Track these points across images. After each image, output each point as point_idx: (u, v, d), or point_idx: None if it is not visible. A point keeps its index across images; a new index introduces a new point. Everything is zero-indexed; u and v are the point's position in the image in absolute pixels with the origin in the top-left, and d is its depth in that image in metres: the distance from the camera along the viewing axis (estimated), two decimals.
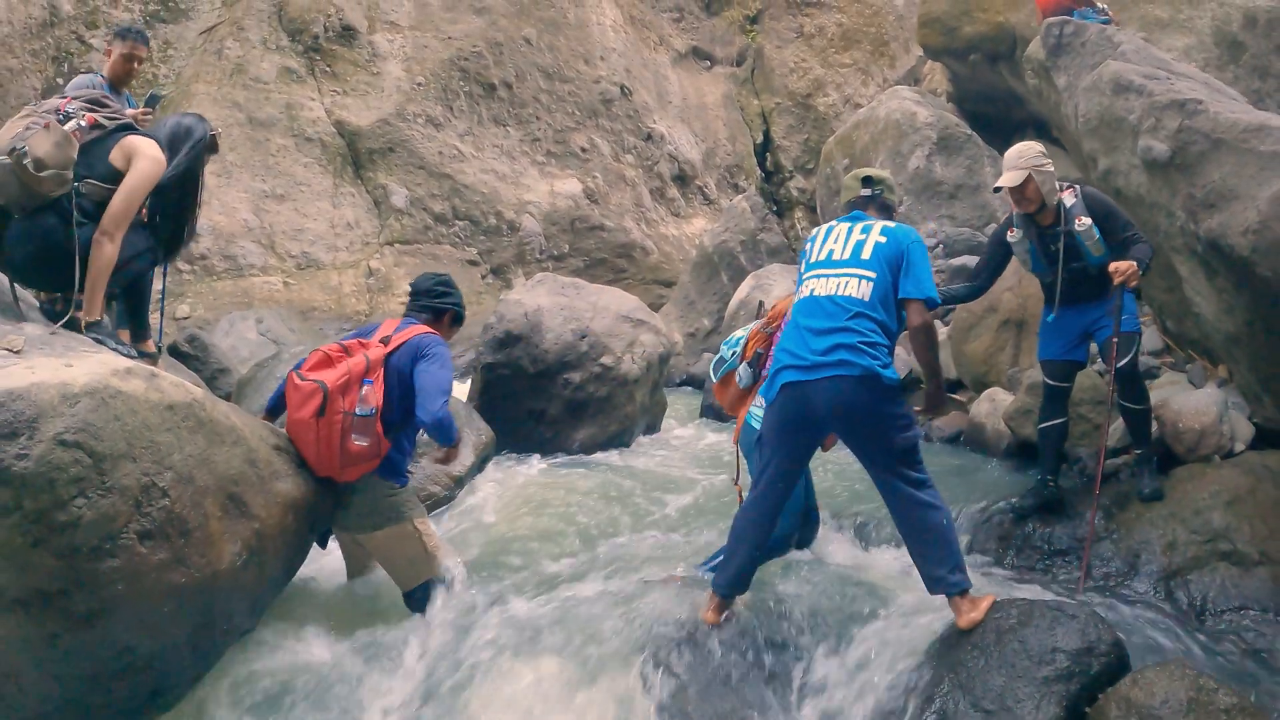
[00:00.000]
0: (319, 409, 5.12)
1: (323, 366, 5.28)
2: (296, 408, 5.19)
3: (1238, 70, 12.47)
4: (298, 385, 5.21)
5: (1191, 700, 3.83)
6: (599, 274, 18.10)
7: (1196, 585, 5.74)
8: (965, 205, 14.08)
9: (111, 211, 5.18)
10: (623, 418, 9.80)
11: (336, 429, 5.15)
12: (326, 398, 5.12)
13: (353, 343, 5.46)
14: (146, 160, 5.32)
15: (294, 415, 5.21)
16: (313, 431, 5.16)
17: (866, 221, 5.10)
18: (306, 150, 17.26)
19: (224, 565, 4.44)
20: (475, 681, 4.80)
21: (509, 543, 6.75)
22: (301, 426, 5.19)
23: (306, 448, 5.24)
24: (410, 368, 5.42)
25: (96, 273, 5.15)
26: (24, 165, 4.90)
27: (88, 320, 5.16)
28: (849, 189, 5.40)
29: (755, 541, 5.01)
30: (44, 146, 4.96)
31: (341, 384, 5.17)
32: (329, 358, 5.33)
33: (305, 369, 5.29)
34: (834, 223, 5.22)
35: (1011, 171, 6.23)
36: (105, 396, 4.05)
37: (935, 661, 4.46)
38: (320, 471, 5.28)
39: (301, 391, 5.18)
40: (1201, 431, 6.54)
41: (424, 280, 6.02)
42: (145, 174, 5.30)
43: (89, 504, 3.88)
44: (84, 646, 3.99)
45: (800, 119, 22.48)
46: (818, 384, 4.71)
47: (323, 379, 5.16)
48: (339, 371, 5.21)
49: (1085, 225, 6.18)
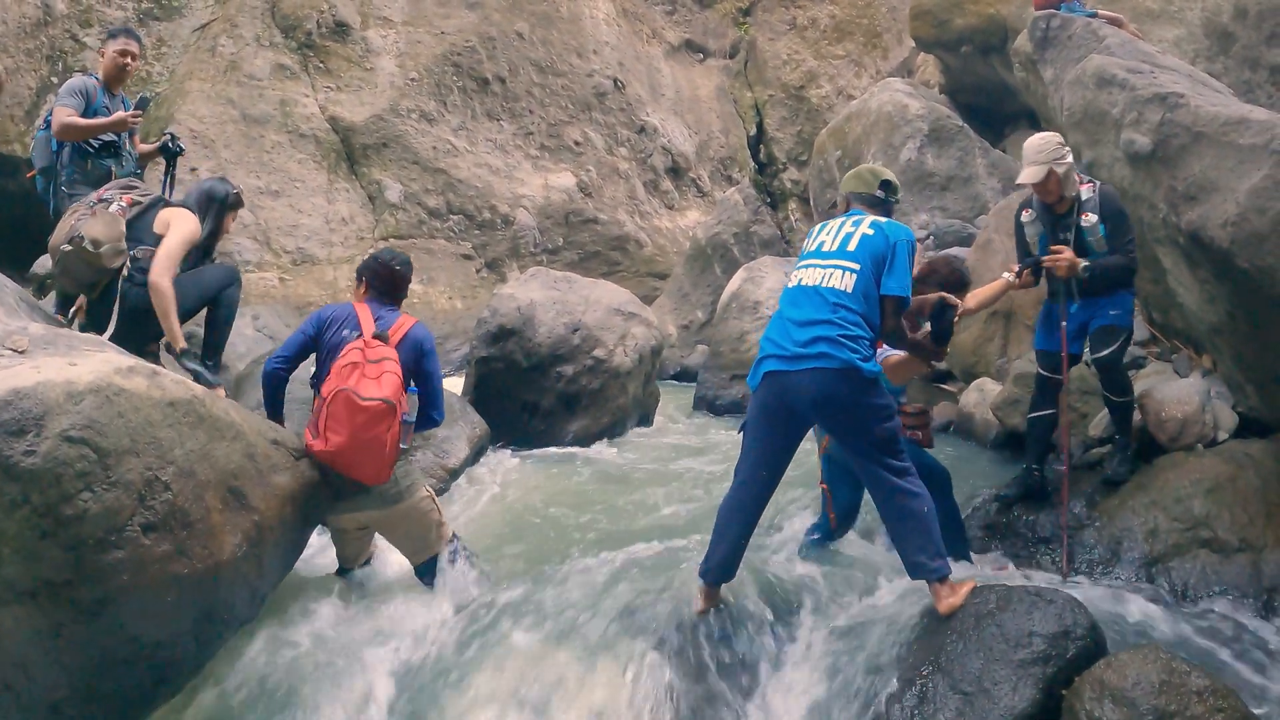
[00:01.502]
0: (389, 426, 5.23)
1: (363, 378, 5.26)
2: (365, 429, 5.17)
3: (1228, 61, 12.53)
4: (364, 406, 5.16)
5: (1164, 682, 3.92)
6: (593, 267, 18.14)
7: (1177, 572, 5.84)
8: (957, 197, 14.15)
9: (157, 259, 6.00)
10: (615, 410, 9.90)
11: (396, 439, 5.32)
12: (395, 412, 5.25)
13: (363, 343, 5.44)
14: (185, 220, 6.26)
15: (363, 435, 5.18)
16: (383, 446, 5.24)
17: (862, 216, 5.13)
18: (301, 146, 17.28)
19: (225, 556, 4.54)
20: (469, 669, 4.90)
21: (501, 534, 6.84)
22: (372, 445, 5.22)
23: (366, 463, 5.28)
24: (413, 361, 5.57)
25: (163, 310, 5.92)
26: (84, 248, 5.84)
27: (180, 349, 6.08)
28: (863, 182, 5.36)
29: (740, 529, 5.07)
30: (96, 228, 5.90)
31: (400, 396, 5.31)
32: (364, 365, 5.31)
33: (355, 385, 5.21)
34: (834, 217, 5.26)
35: (1032, 167, 6.28)
36: (109, 394, 4.15)
37: (916, 645, 4.55)
38: (363, 479, 5.36)
39: (370, 413, 5.16)
40: (1184, 420, 6.62)
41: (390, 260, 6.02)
42: (184, 231, 6.20)
43: (94, 498, 3.98)
44: (91, 636, 4.09)
45: (793, 111, 22.50)
46: (798, 375, 4.77)
47: (388, 397, 5.21)
48: (393, 385, 5.28)
49: (1090, 222, 6.27)
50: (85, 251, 5.84)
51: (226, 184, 6.91)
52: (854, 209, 5.28)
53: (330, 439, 5.20)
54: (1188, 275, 6.43)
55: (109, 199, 6.19)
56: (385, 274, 5.95)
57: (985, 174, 14.17)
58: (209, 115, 16.66)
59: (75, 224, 5.96)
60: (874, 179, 5.37)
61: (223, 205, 6.73)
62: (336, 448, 5.20)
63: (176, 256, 6.10)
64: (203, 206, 6.60)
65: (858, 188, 5.36)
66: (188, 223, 6.27)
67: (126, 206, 6.18)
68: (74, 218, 6.04)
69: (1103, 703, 3.96)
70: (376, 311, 5.72)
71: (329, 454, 5.23)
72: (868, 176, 5.40)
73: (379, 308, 5.77)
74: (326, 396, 5.27)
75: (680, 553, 5.95)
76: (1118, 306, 6.37)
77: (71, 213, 6.16)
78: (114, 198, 6.20)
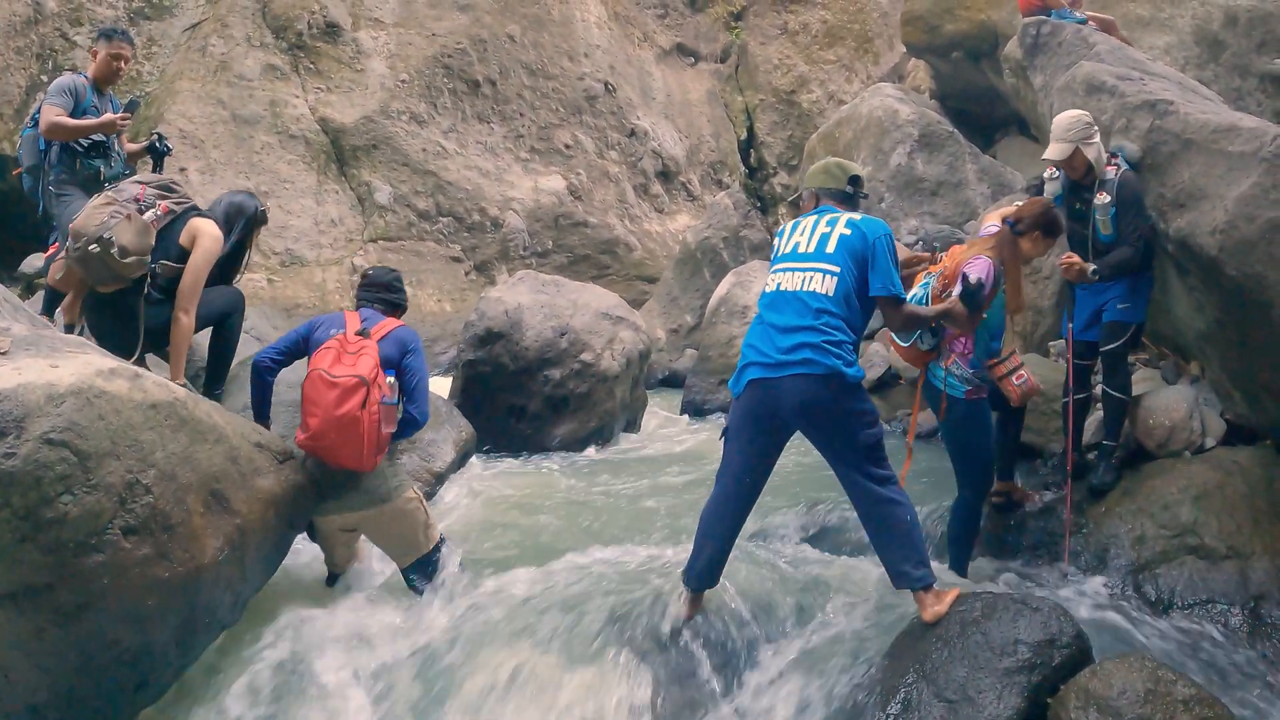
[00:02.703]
0: (363, 402, 5.20)
1: (340, 361, 5.30)
2: (336, 404, 5.16)
3: (1218, 69, 12.55)
4: (334, 382, 5.18)
5: (1149, 691, 3.91)
6: (582, 270, 18.14)
7: (1164, 579, 5.82)
8: (946, 202, 14.17)
9: (183, 290, 5.98)
10: (603, 414, 9.88)
11: (376, 419, 5.27)
12: (368, 390, 5.22)
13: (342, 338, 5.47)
14: (208, 239, 6.12)
15: (336, 412, 5.16)
16: (358, 425, 5.21)
17: (833, 215, 5.06)
18: (290, 147, 17.25)
19: (206, 560, 4.50)
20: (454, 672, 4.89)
21: (487, 538, 6.82)
22: (346, 422, 5.19)
23: (346, 444, 5.25)
24: (397, 356, 5.58)
25: (178, 343, 5.98)
26: (111, 254, 5.69)
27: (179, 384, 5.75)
28: (832, 177, 5.27)
29: (723, 536, 5.05)
30: (128, 236, 5.75)
31: (374, 375, 5.28)
32: (341, 353, 5.34)
33: (329, 366, 5.26)
34: (803, 216, 5.19)
35: (1059, 144, 6.27)
36: (90, 396, 4.13)
37: (901, 653, 4.53)
38: (348, 464, 5.34)
39: (341, 387, 5.18)
40: (1172, 427, 6.61)
41: (382, 274, 6.13)
42: (208, 252, 6.09)
43: (75, 501, 3.95)
44: (71, 640, 4.05)
45: (784, 115, 22.53)
46: (782, 381, 4.73)
47: (359, 373, 5.22)
48: (367, 364, 5.29)
49: (1102, 202, 6.23)
50: (111, 258, 5.70)
51: (255, 199, 6.81)
52: (824, 205, 5.20)
53: (309, 424, 5.22)
54: (1176, 282, 6.43)
55: (148, 203, 6.00)
56: (368, 281, 6.05)
57: (975, 179, 14.19)
58: (199, 115, 16.63)
59: (108, 221, 5.74)
60: (843, 173, 5.28)
61: (250, 221, 6.64)
62: (314, 430, 5.20)
63: (202, 280, 6.05)
64: (230, 220, 6.51)
65: (827, 183, 5.26)
66: (212, 242, 6.13)
67: (161, 215, 6.04)
68: (108, 212, 5.81)
69: (1088, 711, 3.94)
70: (365, 316, 5.76)
71: (310, 441, 5.25)
72: (836, 171, 5.30)
73: (369, 313, 5.80)
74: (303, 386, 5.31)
75: (666, 557, 5.94)
76: (1128, 299, 6.36)
77: (105, 203, 5.90)
78: (152, 203, 6.02)
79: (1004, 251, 5.71)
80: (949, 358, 5.68)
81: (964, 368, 5.65)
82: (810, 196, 5.32)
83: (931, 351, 5.77)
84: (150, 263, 5.94)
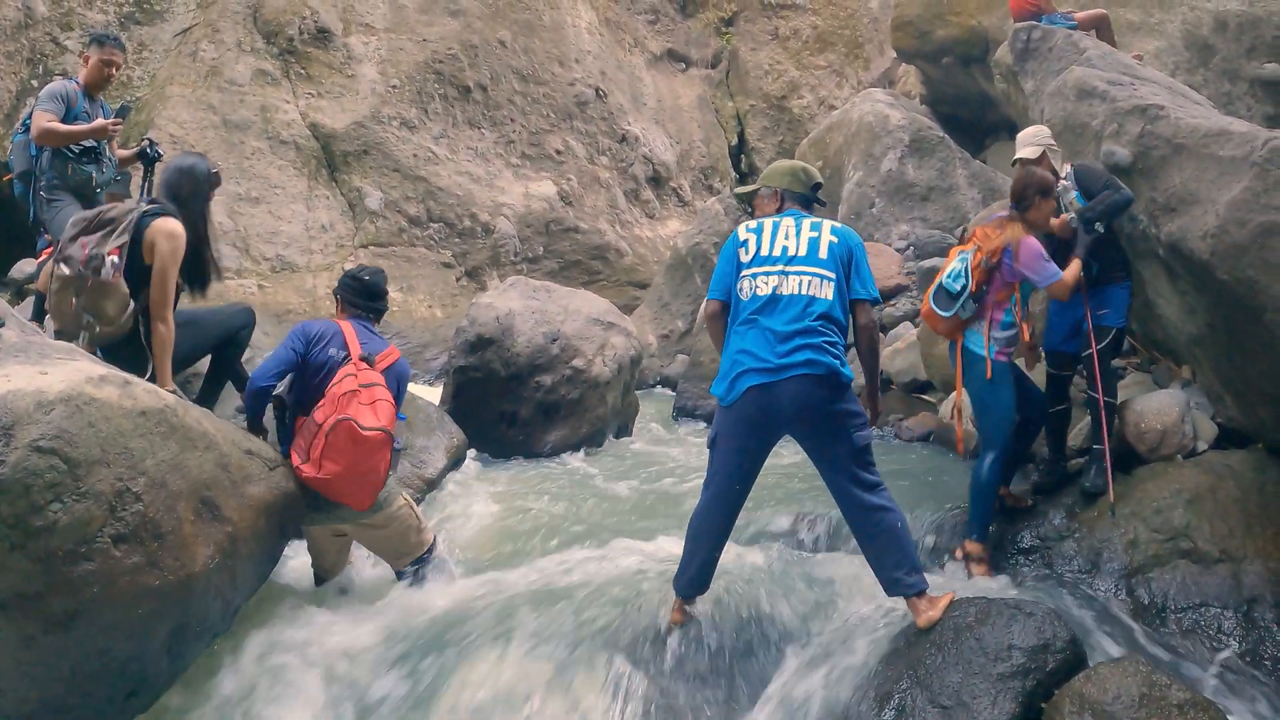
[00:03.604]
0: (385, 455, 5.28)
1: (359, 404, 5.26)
2: (366, 459, 5.20)
3: (1207, 73, 12.61)
4: (365, 436, 5.16)
5: (1144, 696, 3.91)
6: (574, 276, 18.12)
7: (1157, 583, 5.82)
8: (937, 207, 14.19)
9: (154, 301, 5.70)
10: (594, 420, 9.86)
11: (388, 467, 5.37)
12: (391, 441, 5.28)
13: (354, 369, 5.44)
14: (163, 240, 5.72)
15: (362, 467, 5.21)
16: (377, 476, 5.28)
17: (814, 219, 5.13)
18: (281, 153, 17.20)
19: (197, 568, 4.48)
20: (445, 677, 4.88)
21: (479, 544, 6.80)
22: (369, 474, 5.26)
23: (359, 490, 5.30)
24: (395, 393, 5.58)
25: (158, 351, 5.73)
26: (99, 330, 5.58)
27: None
28: (799, 182, 5.35)
29: (713, 543, 5.05)
30: (106, 306, 5.56)
31: (394, 425, 5.32)
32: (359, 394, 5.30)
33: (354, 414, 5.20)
34: (776, 218, 5.19)
35: (1030, 147, 6.67)
36: (80, 403, 4.10)
37: (894, 659, 4.53)
38: (351, 505, 5.38)
39: (371, 443, 5.19)
40: (1164, 431, 6.62)
41: (374, 279, 6.08)
42: (166, 255, 5.73)
43: (64, 509, 3.92)
44: (61, 648, 4.03)
45: (775, 121, 22.55)
46: (783, 384, 4.73)
47: (386, 426, 5.24)
48: (389, 413, 5.30)
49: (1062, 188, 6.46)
50: (106, 330, 5.61)
51: (201, 158, 6.38)
52: (791, 209, 5.24)
53: (326, 466, 5.19)
54: (1167, 287, 6.44)
55: (95, 257, 5.54)
56: (356, 286, 6.02)
57: (966, 185, 14.21)
58: (189, 120, 16.57)
59: (79, 304, 5.53)
60: (808, 179, 5.38)
61: (208, 185, 6.18)
62: (331, 475, 5.19)
63: (169, 289, 5.76)
64: (181, 189, 6.00)
65: (794, 186, 5.34)
66: (167, 240, 5.71)
67: (118, 262, 5.58)
68: (71, 292, 5.56)
69: (1083, 717, 3.96)
70: (361, 332, 5.74)
71: (321, 481, 5.22)
72: (803, 177, 5.37)
73: (362, 327, 5.81)
74: (324, 424, 5.23)
75: (657, 564, 5.93)
76: (1108, 305, 6.49)
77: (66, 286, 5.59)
78: (100, 257, 5.54)
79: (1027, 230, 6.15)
80: (985, 324, 6.11)
81: (998, 331, 6.10)
82: (773, 195, 5.34)
83: (968, 320, 6.14)
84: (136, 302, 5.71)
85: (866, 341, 5.08)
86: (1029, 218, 6.18)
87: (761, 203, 5.36)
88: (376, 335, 5.84)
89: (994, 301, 6.10)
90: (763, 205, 5.35)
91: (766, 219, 5.18)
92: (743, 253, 5.11)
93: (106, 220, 5.75)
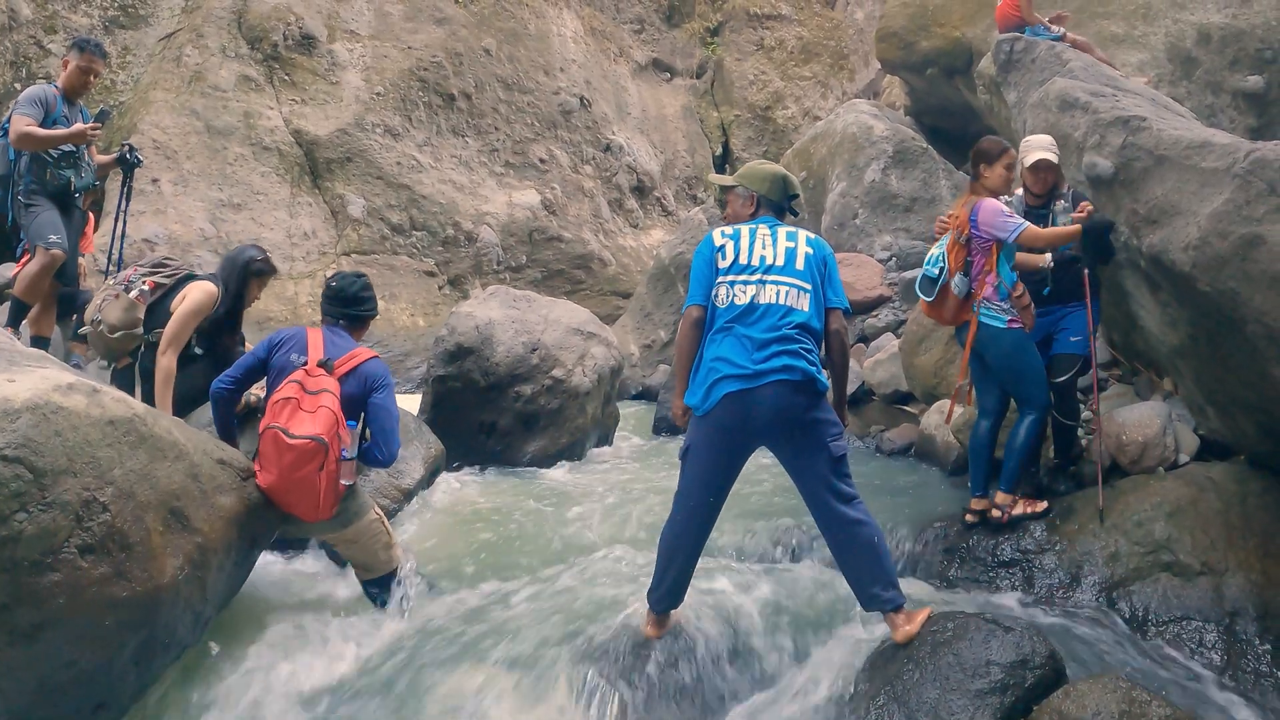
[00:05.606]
0: (320, 465, 5.10)
1: (297, 412, 5.14)
2: (295, 467, 5.05)
3: (1191, 85, 12.65)
4: (291, 444, 5.03)
5: (1123, 712, 3.86)
6: (556, 285, 18.11)
7: (1139, 596, 5.79)
8: (920, 218, 14.21)
9: (166, 334, 6.26)
10: (574, 430, 9.81)
11: (333, 477, 5.17)
12: (326, 451, 5.10)
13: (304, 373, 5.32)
14: (197, 292, 6.37)
15: (294, 475, 5.07)
16: (316, 485, 5.12)
17: (789, 229, 5.09)
18: (264, 159, 17.16)
19: (166, 579, 4.41)
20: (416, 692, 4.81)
21: (455, 555, 6.74)
22: (302, 484, 5.10)
23: (301, 501, 5.17)
24: (361, 394, 5.43)
25: (158, 381, 6.18)
26: (101, 332, 6.32)
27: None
28: (777, 190, 5.26)
29: (687, 556, 4.97)
30: (115, 314, 6.32)
31: (333, 433, 5.13)
32: (298, 401, 5.18)
33: (285, 422, 5.10)
34: (752, 225, 5.12)
35: (1049, 153, 6.74)
36: (46, 412, 4.04)
37: (871, 674, 4.49)
38: (304, 517, 5.27)
39: (299, 451, 5.03)
40: (1145, 444, 6.62)
41: (349, 285, 5.90)
42: (195, 301, 6.34)
43: (29, 519, 3.85)
44: (27, 660, 3.96)
45: (759, 131, 22.61)
46: (760, 390, 4.66)
47: (319, 434, 5.07)
48: (326, 421, 5.13)
49: (1061, 206, 6.67)
50: (101, 335, 6.32)
51: (255, 249, 6.84)
52: (766, 216, 5.20)
53: (261, 476, 5.16)
54: (1149, 298, 6.42)
55: (133, 283, 6.40)
56: (326, 292, 5.89)
57: (949, 195, 14.24)
58: (172, 126, 16.53)
59: (101, 304, 6.36)
60: (786, 189, 5.30)
61: (245, 271, 6.62)
62: (267, 484, 5.15)
63: (182, 330, 6.29)
64: (225, 272, 6.64)
65: (772, 194, 5.26)
66: (201, 293, 6.37)
67: (148, 291, 6.39)
68: (103, 295, 6.42)
69: None
70: (329, 338, 5.60)
71: (266, 490, 5.18)
72: (782, 185, 5.29)
73: (333, 333, 5.66)
74: (261, 432, 5.18)
75: (634, 575, 5.89)
76: (1078, 332, 6.67)
77: (104, 288, 6.52)
78: (137, 282, 6.41)
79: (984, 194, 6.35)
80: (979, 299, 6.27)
81: (996, 302, 6.21)
82: (749, 199, 5.27)
83: (968, 299, 6.31)
84: (145, 334, 6.34)
85: (837, 346, 5.06)
86: (985, 184, 6.36)
87: (735, 202, 5.29)
88: (348, 340, 5.70)
89: (983, 271, 6.23)
90: (735, 205, 5.28)
91: (743, 226, 5.12)
92: (720, 259, 5.02)
93: (161, 264, 6.63)
